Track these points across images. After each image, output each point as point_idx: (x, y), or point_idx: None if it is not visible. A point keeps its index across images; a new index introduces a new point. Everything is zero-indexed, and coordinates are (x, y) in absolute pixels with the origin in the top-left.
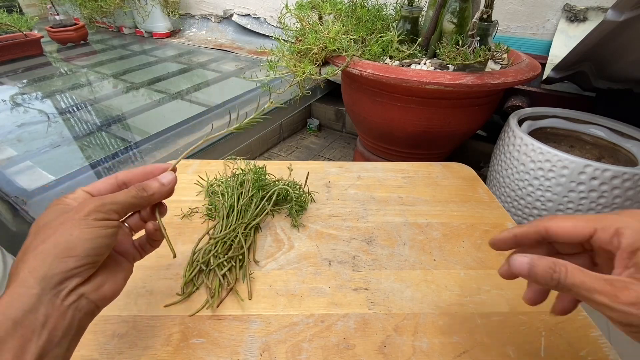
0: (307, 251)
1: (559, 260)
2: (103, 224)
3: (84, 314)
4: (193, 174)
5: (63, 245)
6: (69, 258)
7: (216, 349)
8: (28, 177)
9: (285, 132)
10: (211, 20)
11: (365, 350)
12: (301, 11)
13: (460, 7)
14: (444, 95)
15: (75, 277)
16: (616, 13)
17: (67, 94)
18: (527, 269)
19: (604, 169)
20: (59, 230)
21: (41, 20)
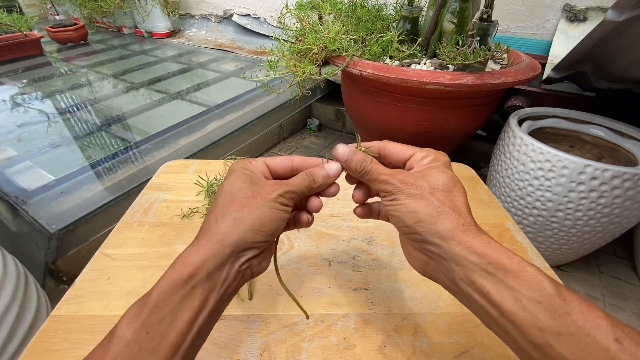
0: (307, 251)
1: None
2: (285, 209)
3: (243, 280)
4: (193, 174)
5: (257, 220)
6: (260, 232)
7: (216, 349)
8: (28, 177)
9: (285, 132)
10: (211, 20)
11: (365, 350)
12: (301, 11)
13: (460, 7)
14: (444, 95)
15: (255, 248)
16: (616, 13)
17: (67, 94)
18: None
19: (604, 169)
20: (253, 204)
21: (41, 20)
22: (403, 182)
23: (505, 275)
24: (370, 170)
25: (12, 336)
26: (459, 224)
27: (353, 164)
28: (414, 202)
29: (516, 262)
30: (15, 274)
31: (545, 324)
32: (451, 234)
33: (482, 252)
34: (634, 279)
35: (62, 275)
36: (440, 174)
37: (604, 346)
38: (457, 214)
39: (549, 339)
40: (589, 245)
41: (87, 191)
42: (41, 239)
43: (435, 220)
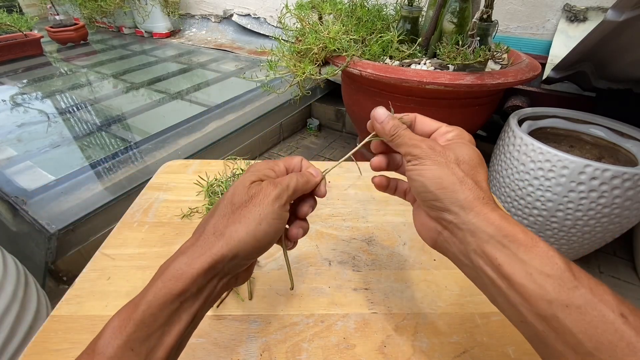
0: (307, 251)
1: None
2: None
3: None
4: (193, 174)
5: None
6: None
7: (216, 349)
8: (28, 177)
9: (285, 132)
10: (211, 20)
11: (365, 350)
12: (301, 11)
13: (460, 7)
14: (444, 95)
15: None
16: (616, 13)
17: (67, 94)
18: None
19: (604, 169)
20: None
21: (41, 20)
22: (431, 148)
23: (518, 248)
24: (402, 134)
25: (12, 336)
26: (479, 196)
27: (388, 126)
28: (439, 169)
29: (530, 237)
30: (15, 274)
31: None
32: (471, 205)
33: (498, 224)
34: (634, 279)
35: (62, 275)
36: (466, 148)
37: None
38: (478, 187)
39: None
40: (589, 245)
41: (87, 191)
42: (41, 239)
43: (457, 188)
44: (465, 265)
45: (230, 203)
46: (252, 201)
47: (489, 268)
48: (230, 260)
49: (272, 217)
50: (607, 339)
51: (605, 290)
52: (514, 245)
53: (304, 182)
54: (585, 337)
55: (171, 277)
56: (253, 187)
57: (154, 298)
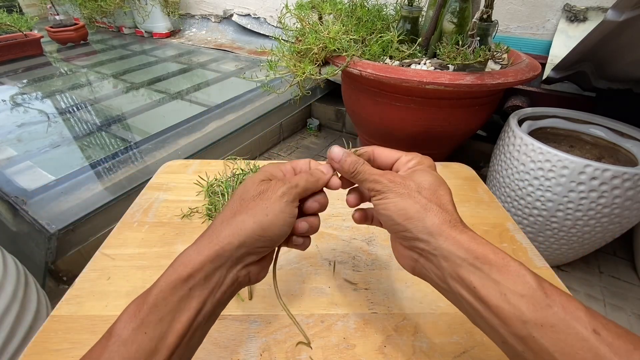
0: (307, 251)
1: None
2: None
3: (240, 286)
4: (193, 174)
5: (259, 224)
6: (260, 238)
7: (216, 349)
8: (28, 177)
9: (285, 132)
10: (211, 20)
11: (365, 350)
12: (301, 11)
13: (460, 7)
14: (444, 95)
15: (255, 254)
16: (616, 13)
17: (67, 94)
18: (341, 156)
19: (604, 169)
20: (258, 205)
21: (41, 20)
22: (392, 182)
23: (490, 269)
24: (361, 170)
25: (12, 336)
26: (446, 220)
27: (346, 165)
28: (402, 200)
29: (501, 257)
30: (15, 274)
31: (528, 316)
32: (439, 230)
33: (468, 247)
34: (634, 279)
35: (62, 275)
36: (426, 175)
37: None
38: (443, 211)
39: (532, 330)
40: (589, 245)
41: (87, 191)
42: (41, 239)
43: (423, 216)
44: (445, 290)
45: (240, 199)
46: (260, 196)
47: (465, 292)
48: (237, 248)
49: (279, 210)
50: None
51: (578, 306)
52: (486, 267)
53: (315, 181)
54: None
55: (180, 263)
56: (262, 184)
57: (165, 283)
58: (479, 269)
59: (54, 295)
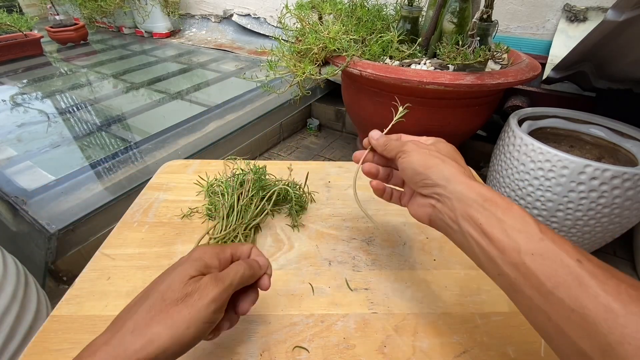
0: (307, 251)
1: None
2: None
3: None
4: (193, 174)
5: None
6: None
7: (216, 349)
8: (28, 177)
9: (285, 132)
10: (211, 20)
11: (365, 350)
12: (301, 11)
13: (460, 7)
14: (444, 95)
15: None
16: (616, 13)
17: (67, 94)
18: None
19: (604, 169)
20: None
21: (41, 20)
22: (415, 143)
23: (496, 209)
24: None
25: (12, 336)
26: (460, 170)
27: (381, 140)
28: (423, 155)
29: (506, 201)
30: (15, 274)
31: (523, 246)
32: (454, 177)
33: (479, 191)
34: None
35: (62, 275)
36: (442, 144)
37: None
38: (458, 164)
39: (524, 258)
40: (589, 245)
41: (87, 191)
42: (41, 239)
43: (441, 166)
44: (455, 231)
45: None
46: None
47: (472, 229)
48: None
49: (204, 321)
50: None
51: (566, 242)
52: (493, 208)
53: (250, 276)
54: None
55: None
56: (190, 284)
57: None
58: (487, 209)
59: (54, 295)
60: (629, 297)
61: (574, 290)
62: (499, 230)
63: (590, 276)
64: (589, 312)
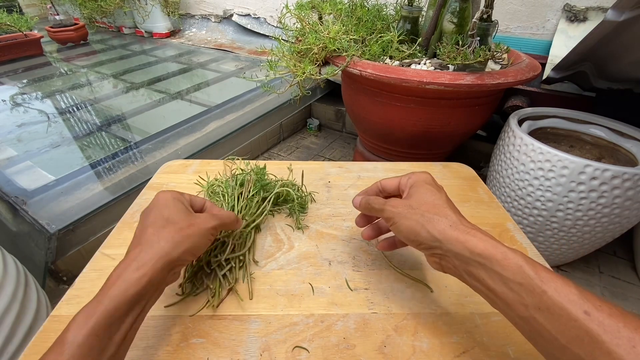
0: (307, 251)
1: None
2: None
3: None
4: (193, 174)
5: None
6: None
7: (216, 349)
8: (28, 177)
9: (285, 132)
10: (211, 20)
11: (365, 350)
12: (301, 11)
13: (460, 7)
14: (444, 95)
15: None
16: (616, 13)
17: (67, 94)
18: (358, 202)
19: (604, 169)
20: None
21: (41, 20)
22: (394, 207)
23: (492, 263)
24: (371, 202)
25: (12, 336)
26: (447, 225)
27: (363, 204)
28: (407, 221)
29: (500, 251)
30: (15, 274)
31: (528, 301)
32: (444, 236)
33: (471, 246)
34: (634, 279)
35: (62, 275)
36: (422, 190)
37: (574, 317)
38: (443, 217)
39: (533, 312)
40: (589, 245)
41: (87, 191)
42: (41, 239)
43: (428, 228)
44: (466, 281)
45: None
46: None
47: (477, 283)
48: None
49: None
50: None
51: (571, 290)
52: (488, 262)
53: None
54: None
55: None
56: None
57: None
58: (483, 265)
59: (54, 295)
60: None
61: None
62: (501, 285)
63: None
64: None
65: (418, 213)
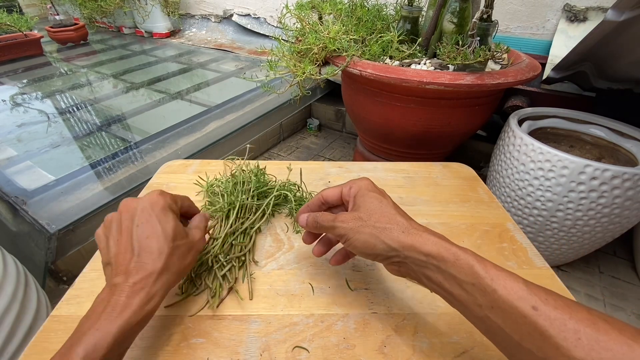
0: (307, 251)
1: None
2: None
3: None
4: (193, 174)
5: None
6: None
7: (216, 349)
8: (28, 177)
9: (285, 132)
10: (211, 20)
11: (365, 350)
12: (301, 11)
13: (460, 7)
14: (444, 95)
15: None
16: (616, 13)
17: (67, 94)
18: (305, 221)
19: (604, 169)
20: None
21: (41, 20)
22: (344, 222)
23: (446, 265)
24: (320, 221)
25: (12, 336)
26: (399, 231)
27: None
28: (361, 235)
29: (452, 252)
30: (15, 274)
31: (481, 301)
32: (398, 243)
33: (425, 251)
34: (634, 279)
35: (62, 275)
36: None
37: (524, 313)
38: (395, 225)
39: (487, 312)
40: (589, 245)
41: (87, 191)
42: (41, 239)
43: (382, 239)
44: (426, 284)
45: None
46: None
47: (436, 287)
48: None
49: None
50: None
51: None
52: (442, 264)
53: None
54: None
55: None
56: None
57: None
58: (438, 267)
59: (54, 295)
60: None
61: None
62: (456, 287)
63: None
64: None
65: (370, 225)
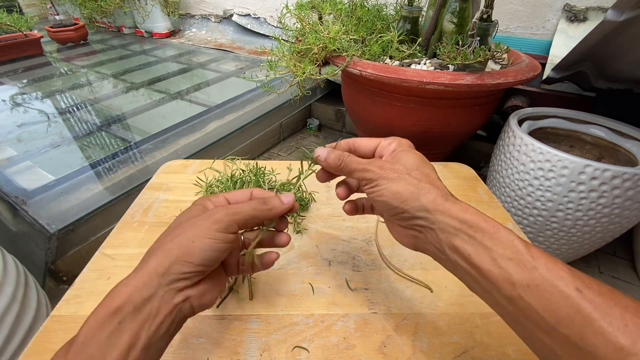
0: (307, 251)
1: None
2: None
3: (183, 316)
4: (193, 174)
5: (184, 249)
6: (185, 263)
7: (216, 349)
8: (28, 177)
9: (285, 132)
10: (211, 20)
11: (365, 350)
12: (301, 11)
13: (460, 7)
14: (444, 95)
15: (186, 280)
16: (616, 13)
17: (67, 94)
18: (326, 155)
19: (604, 169)
20: (186, 232)
21: (41, 20)
22: (381, 168)
23: (482, 236)
24: (348, 162)
25: (12, 336)
26: (439, 195)
27: (331, 159)
28: (395, 184)
29: (491, 224)
30: (15, 274)
31: (515, 278)
32: (434, 205)
33: (462, 217)
34: (634, 279)
35: (62, 275)
36: (410, 156)
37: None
38: (435, 187)
39: (520, 291)
40: (589, 245)
41: (87, 191)
42: (41, 239)
43: (417, 196)
44: (444, 260)
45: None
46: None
47: (460, 260)
48: (162, 275)
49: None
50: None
51: (561, 267)
52: (479, 234)
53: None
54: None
55: (109, 297)
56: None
57: (93, 320)
58: (472, 237)
59: (54, 295)
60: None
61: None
62: (488, 260)
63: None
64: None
65: (408, 178)
